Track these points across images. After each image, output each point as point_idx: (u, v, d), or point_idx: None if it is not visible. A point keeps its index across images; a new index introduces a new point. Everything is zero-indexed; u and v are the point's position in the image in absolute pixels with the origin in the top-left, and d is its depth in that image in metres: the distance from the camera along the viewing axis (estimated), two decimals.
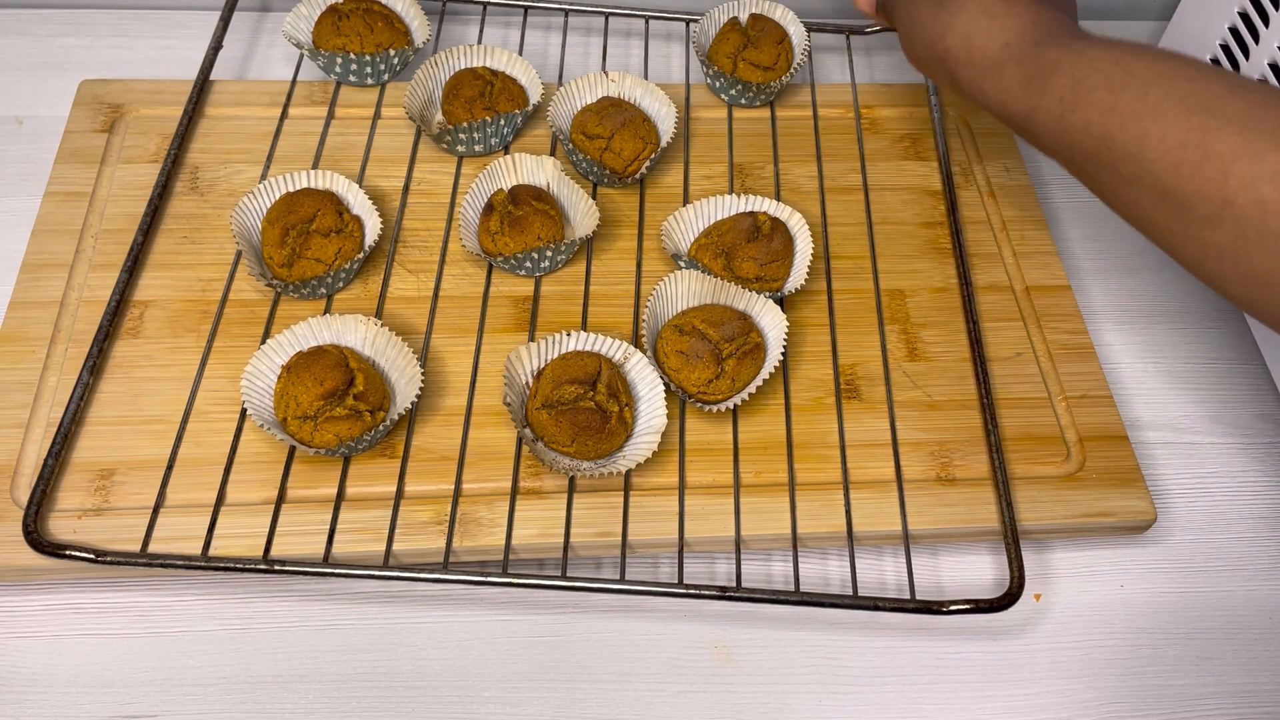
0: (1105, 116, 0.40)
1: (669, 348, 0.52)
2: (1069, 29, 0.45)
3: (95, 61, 0.69)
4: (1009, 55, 0.45)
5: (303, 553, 0.47)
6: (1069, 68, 0.42)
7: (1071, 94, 0.42)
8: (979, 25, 0.46)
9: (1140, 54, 0.41)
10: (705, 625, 0.50)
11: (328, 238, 0.55)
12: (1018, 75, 0.44)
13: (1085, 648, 0.51)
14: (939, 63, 0.48)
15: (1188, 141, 0.37)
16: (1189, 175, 0.37)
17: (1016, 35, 0.45)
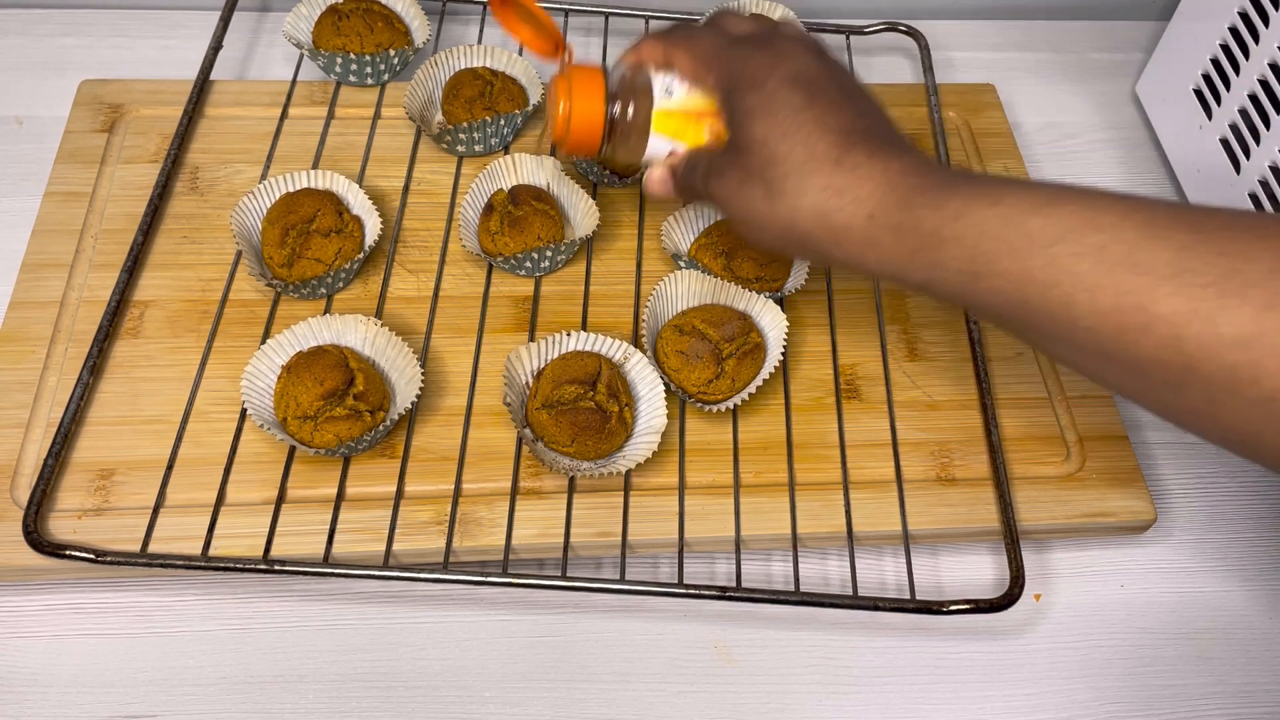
0: (1018, 286, 0.35)
1: (669, 348, 0.52)
2: (927, 175, 0.39)
3: (95, 61, 0.69)
4: (879, 228, 0.38)
5: (303, 553, 0.47)
6: (955, 235, 0.36)
7: (970, 265, 0.36)
8: (829, 204, 0.39)
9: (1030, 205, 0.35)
10: (705, 625, 0.50)
11: (328, 238, 0.55)
12: (899, 247, 0.38)
13: (1085, 648, 0.51)
14: (798, 246, 0.41)
15: (1123, 306, 0.33)
16: (1136, 341, 0.33)
17: (878, 204, 0.38)
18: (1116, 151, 0.72)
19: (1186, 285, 0.31)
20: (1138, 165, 0.72)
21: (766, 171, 0.41)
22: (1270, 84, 0.58)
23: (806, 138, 0.40)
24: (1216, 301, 0.31)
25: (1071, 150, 0.72)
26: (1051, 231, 0.34)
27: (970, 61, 0.77)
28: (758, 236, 0.42)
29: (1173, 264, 0.32)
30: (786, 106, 0.40)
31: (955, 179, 0.38)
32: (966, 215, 0.36)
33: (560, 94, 0.45)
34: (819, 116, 0.40)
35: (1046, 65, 0.77)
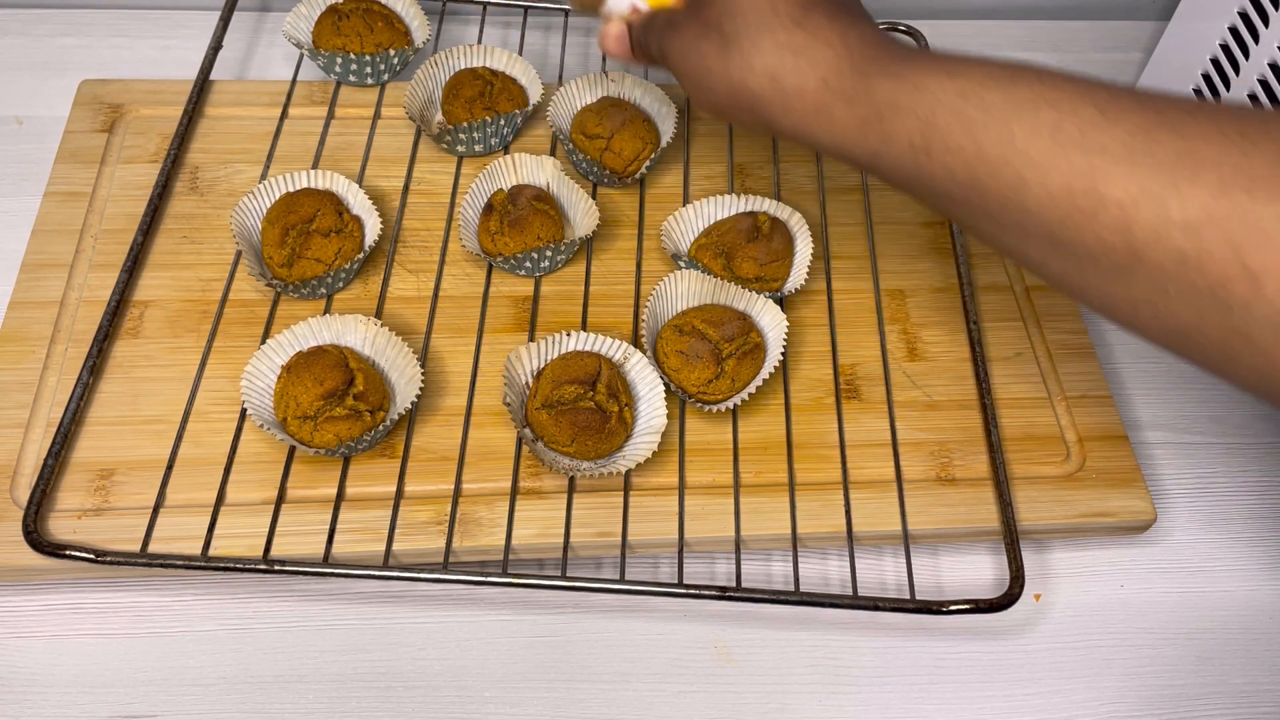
0: (970, 163, 0.34)
1: (669, 348, 0.52)
2: (887, 48, 0.38)
3: (95, 61, 0.69)
4: (832, 94, 0.37)
5: (303, 553, 0.47)
6: (911, 106, 0.35)
7: (923, 138, 0.35)
8: (784, 63, 0.38)
9: (988, 79, 0.35)
10: (705, 625, 0.50)
11: (328, 238, 0.55)
12: (850, 117, 0.37)
13: (1085, 648, 0.51)
14: (746, 110, 0.40)
15: (1074, 188, 0.31)
16: (1084, 226, 0.32)
17: (833, 69, 0.38)
18: None
19: (1140, 166, 0.30)
20: None
21: (724, 24, 0.40)
22: (1270, 84, 0.58)
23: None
24: (1169, 184, 0.30)
25: None
26: (1008, 107, 0.33)
27: None
28: (706, 97, 0.41)
29: (1127, 144, 0.31)
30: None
31: (912, 52, 0.38)
32: (922, 87, 0.35)
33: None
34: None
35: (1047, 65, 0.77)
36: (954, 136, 0.34)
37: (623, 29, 0.46)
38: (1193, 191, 0.29)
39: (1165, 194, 0.30)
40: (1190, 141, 0.30)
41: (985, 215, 0.35)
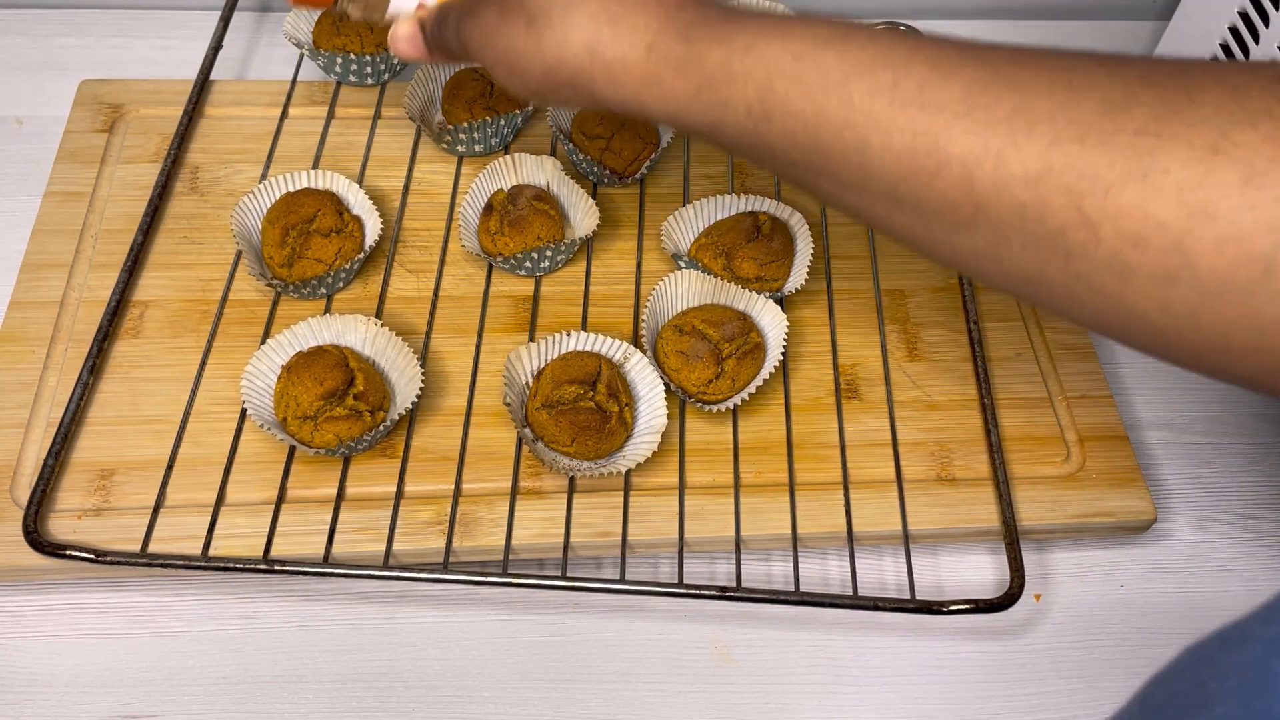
0: (811, 126, 0.33)
1: (669, 348, 0.52)
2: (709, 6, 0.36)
3: (95, 61, 0.69)
4: (659, 63, 0.35)
5: (303, 553, 0.47)
6: (746, 71, 0.34)
7: (761, 104, 0.34)
8: (601, 34, 0.36)
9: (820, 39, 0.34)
10: (705, 625, 0.50)
11: (328, 238, 0.55)
12: (682, 85, 0.35)
13: (1085, 648, 0.51)
14: (567, 87, 0.38)
15: (916, 147, 0.32)
16: (928, 183, 0.32)
17: (656, 35, 0.35)
18: None
19: (978, 123, 0.31)
20: None
21: (528, 2, 0.37)
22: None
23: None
24: (1006, 139, 0.30)
25: None
26: (844, 68, 0.33)
27: None
28: (520, 81, 0.38)
29: (964, 101, 0.31)
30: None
31: (737, 11, 0.36)
32: (755, 49, 0.34)
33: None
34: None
35: None
36: (793, 101, 0.33)
37: (414, 28, 0.43)
38: (1030, 144, 0.30)
39: (1004, 149, 0.30)
40: (1024, 95, 0.31)
41: (828, 176, 0.34)
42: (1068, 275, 0.31)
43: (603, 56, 0.36)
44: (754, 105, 0.34)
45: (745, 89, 0.34)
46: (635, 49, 0.36)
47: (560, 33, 0.36)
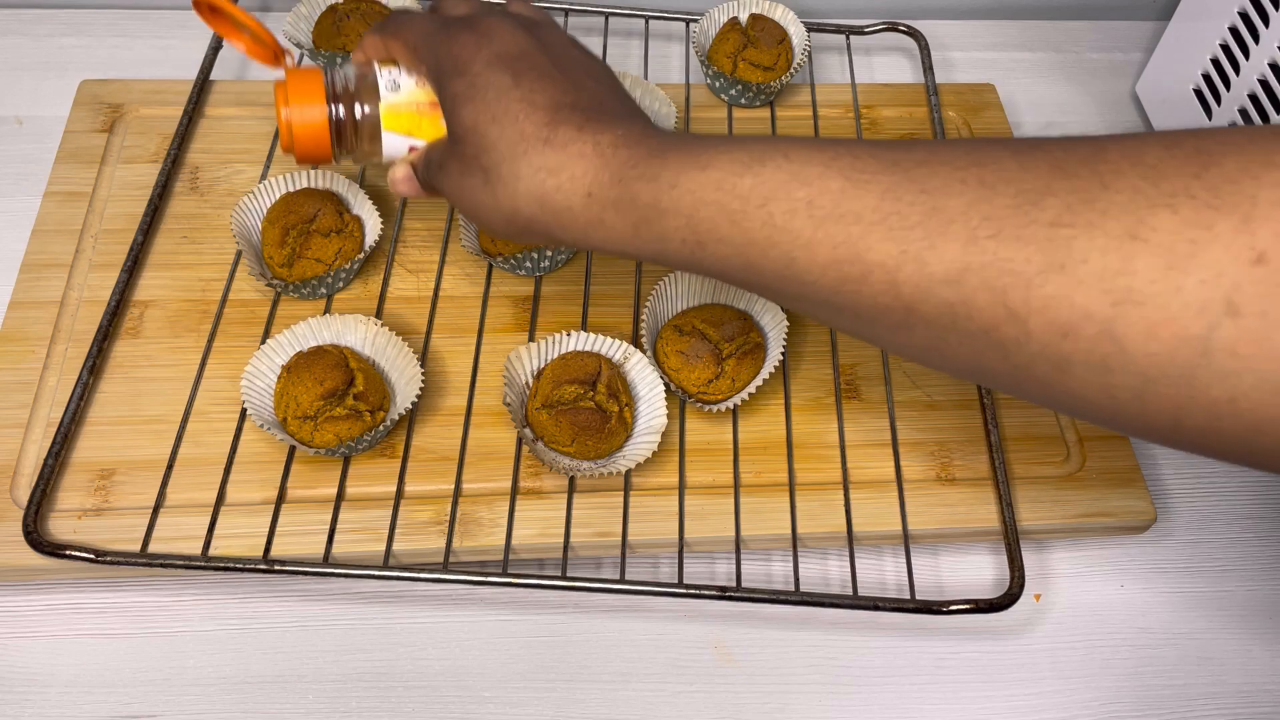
0: (741, 250, 0.35)
1: (669, 348, 0.52)
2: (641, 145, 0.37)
3: (95, 61, 0.69)
4: (599, 206, 0.37)
5: (303, 553, 0.47)
6: (673, 206, 0.36)
7: (692, 234, 0.36)
8: (545, 185, 0.38)
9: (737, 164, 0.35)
10: (705, 625, 0.50)
11: (328, 238, 0.55)
12: (622, 224, 0.37)
13: (1085, 648, 0.51)
14: (526, 233, 0.40)
15: (839, 258, 0.32)
16: (857, 291, 0.33)
17: (594, 180, 0.37)
18: None
19: (894, 229, 0.31)
20: None
21: (481, 159, 0.39)
22: (1270, 84, 0.58)
23: (514, 119, 0.39)
24: (924, 242, 0.31)
25: None
26: (762, 191, 0.34)
27: (970, 61, 0.77)
28: (488, 226, 0.41)
29: (879, 209, 0.32)
30: (492, 88, 0.39)
31: (666, 146, 0.37)
32: (680, 184, 0.36)
33: (279, 102, 0.44)
34: (525, 95, 0.39)
35: (1046, 65, 0.77)
36: (720, 228, 0.35)
37: (408, 170, 0.46)
38: (946, 245, 0.30)
39: (923, 252, 0.31)
40: (935, 197, 0.31)
41: (770, 291, 0.36)
42: (1008, 367, 0.31)
43: (551, 205, 0.38)
44: (686, 236, 0.36)
45: (676, 222, 0.36)
46: (576, 196, 0.38)
47: (510, 187, 0.39)
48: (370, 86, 0.44)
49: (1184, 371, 0.28)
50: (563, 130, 0.38)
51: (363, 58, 0.45)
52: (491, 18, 0.42)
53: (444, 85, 0.41)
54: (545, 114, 0.38)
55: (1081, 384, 0.30)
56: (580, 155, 0.38)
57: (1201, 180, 0.28)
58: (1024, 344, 0.30)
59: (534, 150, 0.38)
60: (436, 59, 0.42)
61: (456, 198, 0.42)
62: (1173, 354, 0.28)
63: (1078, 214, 0.29)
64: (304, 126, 0.44)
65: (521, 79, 0.39)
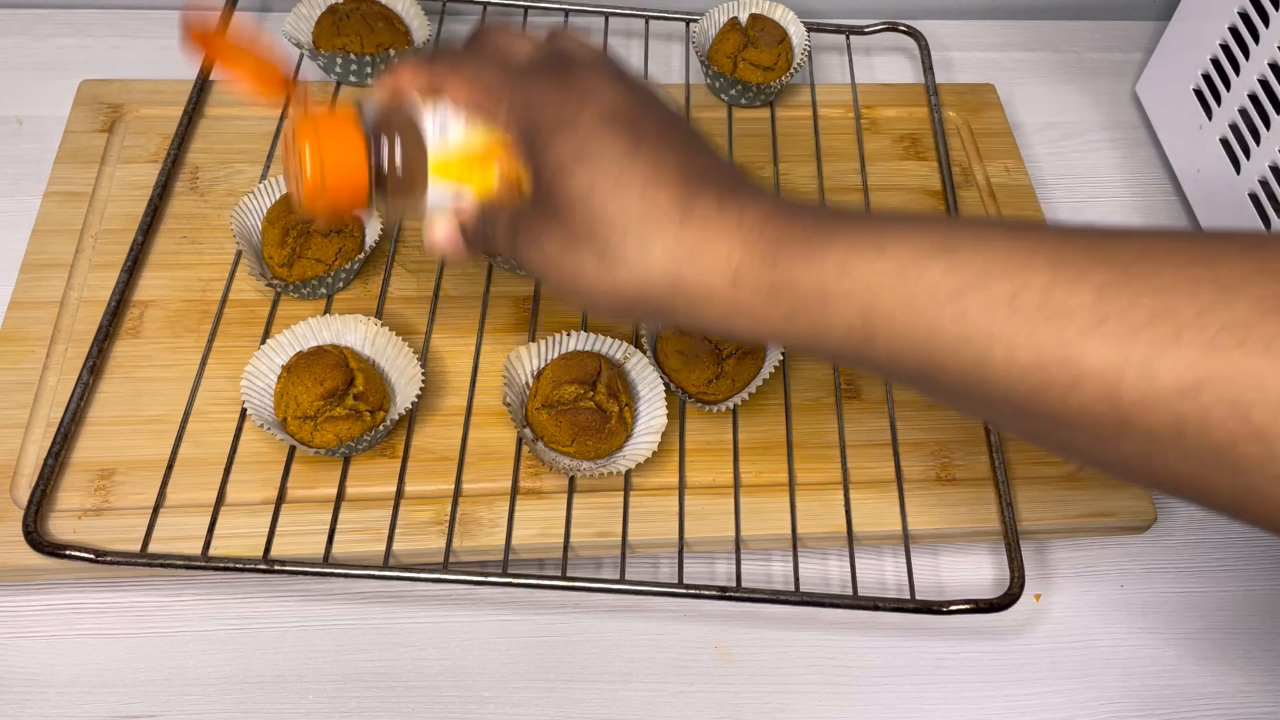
0: (922, 345, 0.31)
1: (669, 348, 0.52)
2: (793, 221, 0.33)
3: (95, 61, 0.69)
4: (748, 292, 0.33)
5: (303, 553, 0.47)
6: (842, 294, 0.32)
7: (862, 327, 0.32)
8: (681, 268, 0.33)
9: (922, 251, 0.31)
10: (705, 625, 0.50)
11: (328, 238, 0.55)
12: (773, 311, 0.33)
13: (1085, 648, 0.51)
14: (646, 314, 0.35)
15: (1047, 360, 0.29)
16: (1064, 397, 0.29)
17: (741, 264, 0.33)
18: (1116, 151, 0.72)
19: (1115, 332, 0.28)
20: (1138, 165, 0.72)
21: (597, 233, 0.34)
22: (1270, 84, 0.58)
23: (642, 189, 0.33)
24: (1151, 349, 0.28)
25: (1071, 150, 0.72)
26: (954, 280, 0.30)
27: (970, 61, 0.77)
28: (591, 305, 0.36)
29: (1095, 309, 0.28)
30: (609, 153, 0.34)
31: (823, 223, 0.33)
32: (851, 269, 0.32)
33: (304, 143, 0.36)
34: (651, 162, 0.34)
35: (1046, 65, 0.77)
36: (899, 320, 0.31)
37: (453, 228, 0.40)
38: (1181, 353, 0.27)
39: (1150, 359, 0.28)
40: (1163, 297, 0.28)
41: (946, 391, 0.32)
42: (1236, 486, 0.28)
43: (686, 290, 0.34)
44: (855, 326, 0.32)
45: (845, 312, 0.32)
46: (720, 279, 0.33)
47: (638, 270, 0.34)
48: (411, 126, 0.38)
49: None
50: (701, 204, 0.34)
51: (394, 90, 0.39)
52: (580, 67, 0.36)
53: (541, 144, 0.35)
54: (678, 185, 0.34)
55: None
56: (725, 235, 0.33)
57: None
58: (1266, 465, 0.27)
59: (668, 227, 0.33)
60: (527, 110, 0.36)
61: (551, 271, 0.36)
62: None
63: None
64: (341, 174, 0.37)
65: (643, 142, 0.34)
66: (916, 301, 0.31)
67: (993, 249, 0.30)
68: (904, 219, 0.33)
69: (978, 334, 0.30)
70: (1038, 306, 0.29)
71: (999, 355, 0.30)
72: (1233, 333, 0.27)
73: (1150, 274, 0.29)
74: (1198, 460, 0.28)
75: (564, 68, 0.36)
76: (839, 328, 0.32)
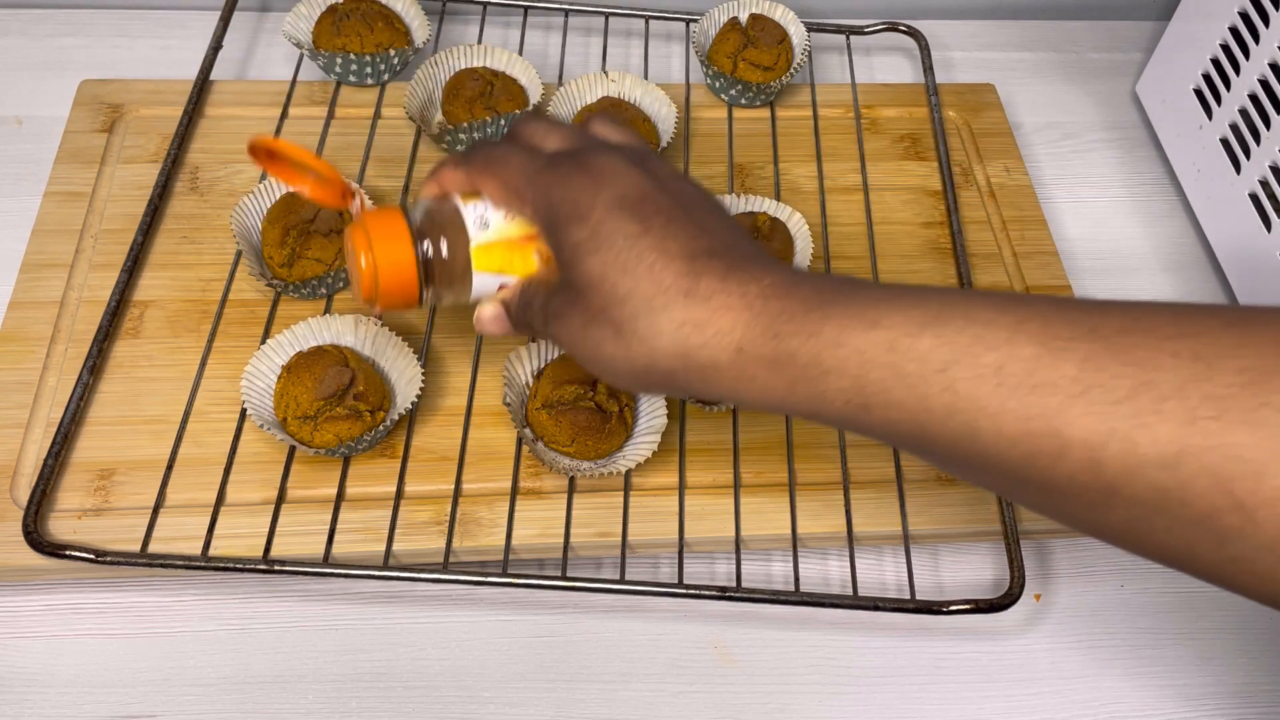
0: (913, 415, 0.32)
1: None
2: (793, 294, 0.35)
3: (95, 61, 0.69)
4: (751, 362, 0.34)
5: (303, 553, 0.47)
6: (838, 366, 0.33)
7: (859, 396, 0.33)
8: (689, 341, 0.35)
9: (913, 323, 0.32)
10: (705, 625, 0.50)
11: (328, 238, 0.55)
12: (776, 381, 0.34)
13: (1085, 648, 0.51)
14: (660, 387, 0.37)
15: (1033, 431, 0.29)
16: (1050, 466, 0.30)
17: (744, 336, 0.34)
18: (1116, 151, 0.72)
19: (1097, 403, 0.29)
20: (1138, 165, 0.72)
21: (612, 312, 0.36)
22: (1270, 84, 0.58)
23: (649, 270, 0.35)
24: (1133, 420, 0.28)
25: (1071, 150, 0.72)
26: (942, 354, 0.31)
27: (970, 61, 0.77)
28: (612, 379, 0.38)
29: (1079, 380, 0.29)
30: (619, 236, 0.36)
31: (823, 295, 0.34)
32: (845, 343, 0.33)
33: (359, 245, 0.40)
34: (657, 243, 0.36)
35: (1046, 65, 0.77)
36: (891, 392, 0.32)
37: (498, 309, 0.42)
38: (1161, 425, 0.28)
39: (1132, 430, 0.28)
40: (1144, 370, 0.29)
41: (941, 459, 0.33)
42: (1222, 557, 0.28)
43: (695, 361, 0.35)
44: (851, 398, 0.33)
45: (839, 383, 0.33)
46: (725, 352, 0.35)
47: (649, 344, 0.36)
48: (454, 222, 0.41)
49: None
50: (705, 281, 0.35)
51: (436, 192, 0.42)
52: (602, 155, 0.39)
53: (561, 233, 0.38)
54: (683, 263, 0.36)
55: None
56: (727, 308, 0.35)
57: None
58: (1248, 535, 0.27)
59: (675, 304, 0.35)
60: (548, 202, 0.38)
61: (577, 349, 0.38)
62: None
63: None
64: (392, 270, 0.40)
65: (650, 225, 0.36)
66: (907, 373, 0.32)
67: (983, 321, 0.31)
68: (902, 290, 0.34)
69: (966, 405, 0.31)
70: (1022, 378, 0.30)
71: (987, 427, 0.30)
72: (1213, 404, 0.27)
73: (1132, 346, 0.29)
74: (1183, 530, 0.28)
75: (585, 155, 0.39)
76: (836, 400, 0.33)
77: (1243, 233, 0.61)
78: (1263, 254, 0.59)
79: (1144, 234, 0.68)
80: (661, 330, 0.35)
